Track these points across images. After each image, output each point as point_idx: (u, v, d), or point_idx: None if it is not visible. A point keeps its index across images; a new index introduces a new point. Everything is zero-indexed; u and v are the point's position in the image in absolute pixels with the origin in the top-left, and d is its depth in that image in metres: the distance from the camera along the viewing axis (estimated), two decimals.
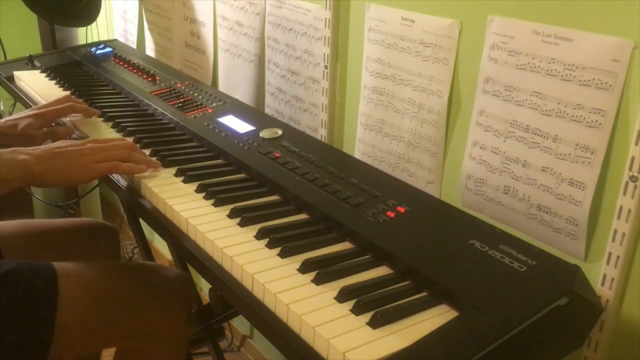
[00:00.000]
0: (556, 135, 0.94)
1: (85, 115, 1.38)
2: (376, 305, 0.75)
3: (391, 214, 0.93)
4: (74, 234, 1.35)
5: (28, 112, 1.31)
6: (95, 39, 2.41)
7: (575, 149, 0.92)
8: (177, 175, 1.11)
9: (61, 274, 1.02)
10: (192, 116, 1.36)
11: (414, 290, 0.80)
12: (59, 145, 1.07)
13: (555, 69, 0.93)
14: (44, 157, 1.03)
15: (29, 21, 2.41)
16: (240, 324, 2.11)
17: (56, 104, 1.33)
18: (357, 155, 1.32)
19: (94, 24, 2.16)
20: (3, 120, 1.28)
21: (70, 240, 1.33)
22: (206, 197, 1.03)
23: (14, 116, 1.30)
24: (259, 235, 0.91)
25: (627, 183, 0.86)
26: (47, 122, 1.32)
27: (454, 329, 0.72)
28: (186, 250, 0.94)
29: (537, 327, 0.72)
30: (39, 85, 1.62)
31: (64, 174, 1.05)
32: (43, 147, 1.07)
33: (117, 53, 1.84)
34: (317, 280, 0.81)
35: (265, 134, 1.22)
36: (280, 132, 1.22)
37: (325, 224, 0.96)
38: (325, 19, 1.32)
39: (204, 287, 2.11)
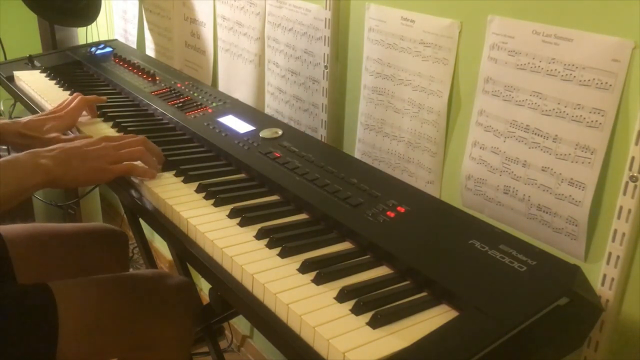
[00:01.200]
0: (556, 135, 0.94)
1: (96, 101, 1.38)
2: (376, 305, 0.75)
3: (391, 214, 0.93)
4: (83, 239, 1.34)
5: (48, 114, 1.29)
6: (95, 39, 2.41)
7: (575, 149, 0.92)
8: (177, 175, 1.11)
9: (59, 296, 1.01)
10: (192, 116, 1.36)
11: (414, 290, 0.80)
12: (74, 145, 1.06)
13: (555, 69, 0.93)
14: (62, 160, 1.02)
15: (29, 21, 2.41)
16: (240, 324, 2.11)
17: (69, 104, 1.32)
18: (357, 155, 1.32)
19: (94, 24, 2.16)
20: (25, 119, 1.26)
21: (79, 245, 1.32)
22: (206, 197, 1.03)
23: (33, 117, 1.28)
24: (259, 235, 0.91)
25: (627, 183, 0.86)
26: (73, 123, 1.31)
27: (454, 329, 0.72)
28: (186, 251, 0.94)
29: (537, 327, 0.72)
30: (39, 85, 1.62)
31: (81, 177, 1.05)
32: (59, 147, 1.05)
33: (117, 53, 1.84)
34: (317, 280, 0.81)
35: (265, 134, 1.22)
36: (280, 132, 1.22)
37: (325, 224, 0.96)
38: (325, 19, 1.32)
39: (204, 287, 2.11)
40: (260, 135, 1.22)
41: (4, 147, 2.05)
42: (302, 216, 0.99)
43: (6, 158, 1.00)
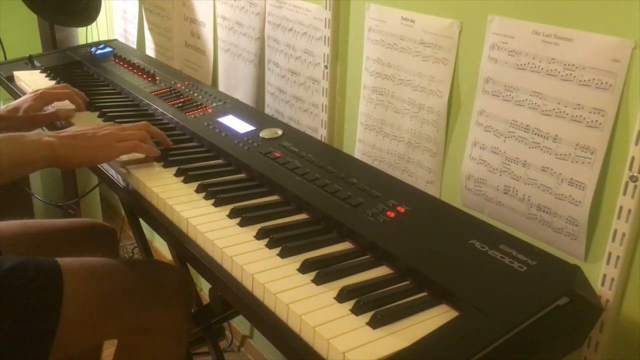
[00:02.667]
0: (556, 135, 0.94)
1: (78, 109, 1.42)
2: (376, 305, 0.75)
3: (391, 214, 0.93)
4: (73, 234, 1.36)
5: (27, 96, 1.36)
6: (95, 39, 2.41)
7: (575, 149, 0.92)
8: (177, 175, 1.11)
9: (65, 269, 1.04)
10: (192, 116, 1.36)
11: (414, 290, 0.80)
12: (80, 129, 1.11)
13: (555, 69, 0.93)
14: (68, 138, 1.08)
15: (29, 21, 2.41)
16: (240, 324, 2.11)
17: (55, 89, 1.40)
18: (357, 155, 1.32)
19: (94, 24, 2.16)
20: (4, 106, 1.33)
21: (69, 240, 1.34)
22: (206, 197, 1.03)
23: (15, 102, 1.35)
24: (259, 235, 0.91)
25: (627, 183, 0.86)
26: (47, 103, 1.38)
27: (454, 329, 0.72)
28: (186, 251, 0.94)
29: (537, 327, 0.72)
30: (39, 86, 1.61)
31: (88, 154, 1.09)
32: (66, 131, 1.11)
33: (117, 53, 1.84)
34: (317, 280, 0.81)
35: (265, 134, 1.22)
36: (280, 132, 1.22)
37: (325, 224, 0.96)
38: (325, 19, 1.32)
39: (204, 287, 2.11)
40: (260, 135, 1.22)
41: None
42: (302, 216, 0.99)
43: (12, 133, 1.05)
